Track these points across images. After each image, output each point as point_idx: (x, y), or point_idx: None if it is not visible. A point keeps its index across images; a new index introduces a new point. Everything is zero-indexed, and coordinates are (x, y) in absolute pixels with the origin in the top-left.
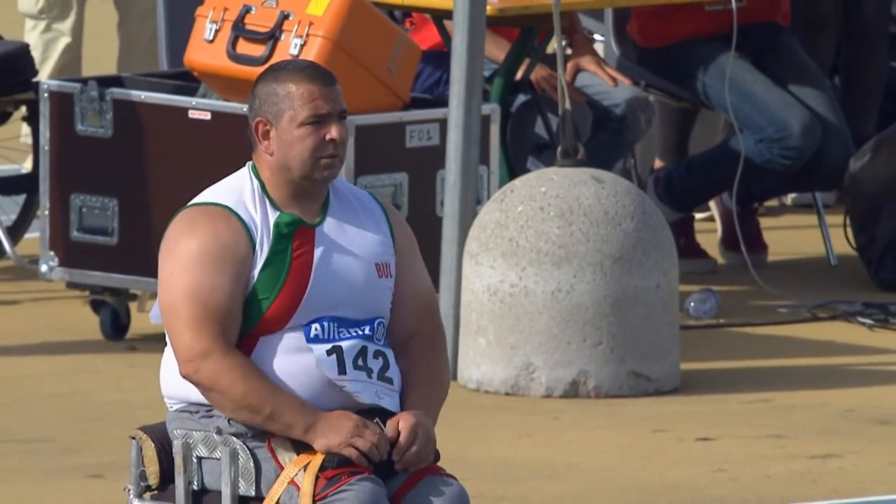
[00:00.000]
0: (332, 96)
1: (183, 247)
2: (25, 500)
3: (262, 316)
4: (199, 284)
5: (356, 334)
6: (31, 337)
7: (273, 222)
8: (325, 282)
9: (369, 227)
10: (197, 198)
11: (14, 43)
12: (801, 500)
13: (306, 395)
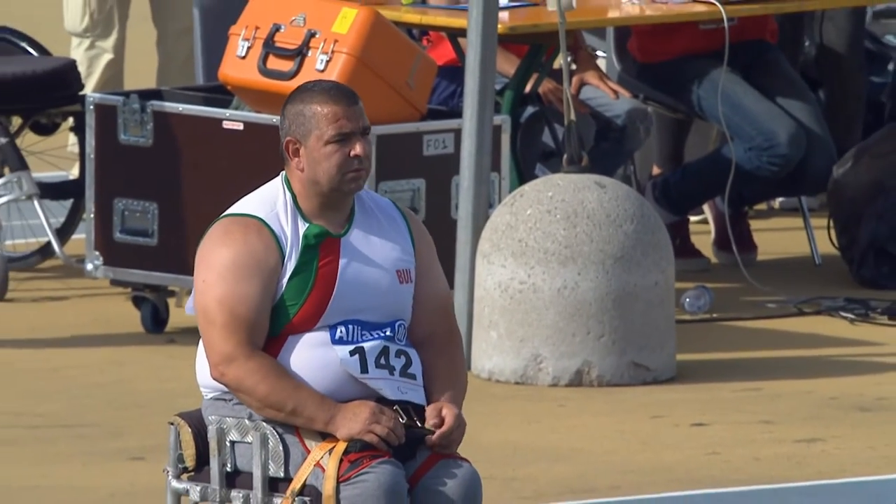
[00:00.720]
0: (355, 115)
1: (217, 256)
2: (73, 480)
3: (290, 321)
4: (229, 294)
5: (378, 336)
6: (77, 330)
7: (302, 234)
8: (349, 290)
9: (391, 235)
10: (233, 207)
11: (62, 59)
12: (787, 480)
13: (331, 390)
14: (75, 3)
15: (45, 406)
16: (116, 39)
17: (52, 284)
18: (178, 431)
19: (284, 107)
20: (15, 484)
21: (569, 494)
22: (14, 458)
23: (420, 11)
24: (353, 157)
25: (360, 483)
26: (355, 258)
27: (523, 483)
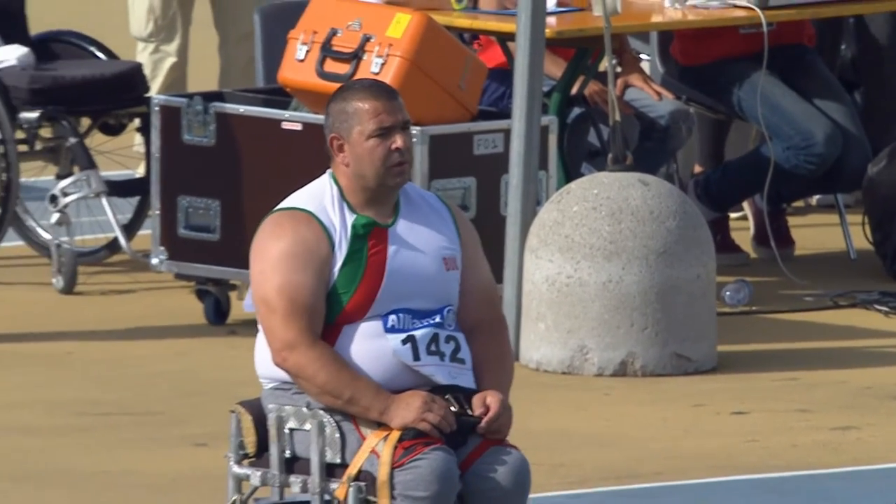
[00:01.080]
0: (394, 109)
1: (270, 248)
2: (139, 465)
3: (343, 308)
4: (285, 282)
5: (428, 323)
6: (143, 322)
7: (350, 224)
8: (398, 276)
9: (437, 225)
10: (283, 203)
11: (128, 63)
12: (824, 467)
13: (385, 377)
14: (140, 9)
15: (113, 394)
16: (180, 44)
17: (119, 278)
18: (239, 419)
19: (328, 105)
20: (85, 469)
21: (614, 480)
22: (84, 444)
23: (471, 16)
24: (394, 149)
25: (414, 469)
26: (403, 246)
27: (570, 469)
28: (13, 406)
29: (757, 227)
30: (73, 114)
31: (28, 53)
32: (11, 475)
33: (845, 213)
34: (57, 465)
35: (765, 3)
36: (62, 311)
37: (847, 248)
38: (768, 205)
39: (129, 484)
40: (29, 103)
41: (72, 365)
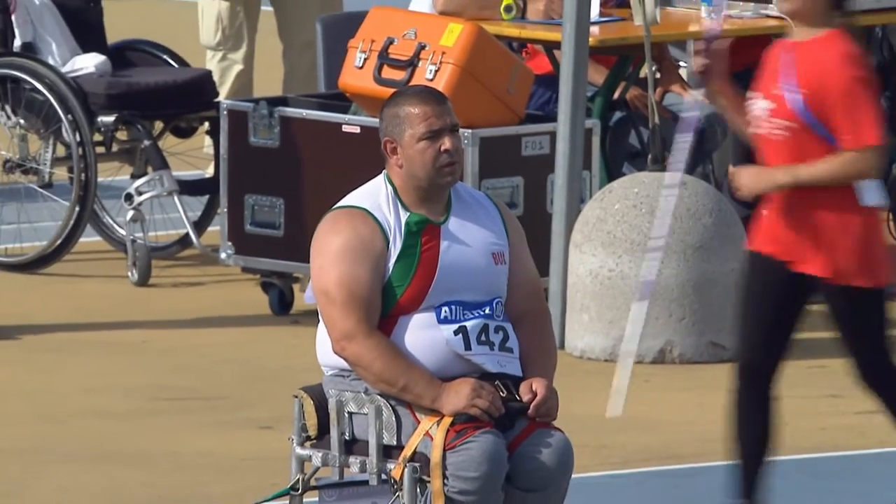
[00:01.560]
0: (442, 113)
1: (329, 244)
2: (208, 446)
3: (398, 301)
4: (345, 275)
5: (478, 314)
6: (212, 312)
7: (404, 222)
8: (450, 270)
9: (486, 222)
10: (341, 202)
11: (199, 70)
12: (851, 449)
13: (438, 366)
14: (209, 20)
15: (184, 380)
16: (246, 52)
17: (190, 271)
18: (302, 404)
19: (382, 111)
20: (158, 450)
21: (654, 461)
22: (157, 427)
23: (519, 26)
24: (443, 151)
25: (465, 451)
26: (454, 242)
27: (612, 451)
28: (92, 391)
29: None
30: (147, 118)
31: (105, 61)
32: (91, 456)
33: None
34: (132, 446)
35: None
36: (137, 302)
37: None
38: None
39: (198, 464)
40: (106, 108)
41: (146, 353)
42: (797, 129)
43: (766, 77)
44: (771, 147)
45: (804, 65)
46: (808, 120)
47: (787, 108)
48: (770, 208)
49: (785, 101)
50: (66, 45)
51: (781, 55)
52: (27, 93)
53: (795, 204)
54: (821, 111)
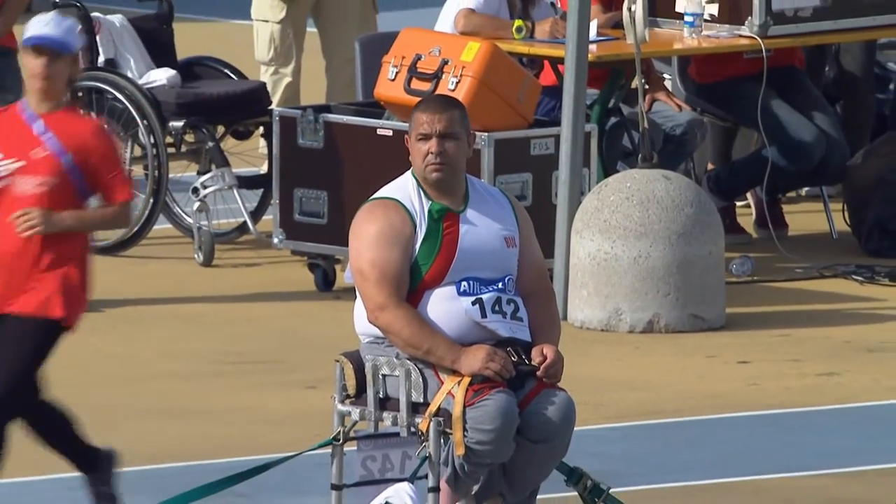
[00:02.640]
0: (435, 121)
1: (365, 230)
2: (261, 404)
3: (423, 277)
4: (378, 257)
5: (493, 289)
6: (266, 289)
7: (427, 209)
8: (468, 251)
9: (499, 212)
10: (376, 193)
11: (254, 82)
12: (811, 405)
13: (458, 332)
14: (263, 39)
15: (242, 347)
16: (294, 67)
17: (247, 254)
18: (342, 367)
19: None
20: (218, 407)
21: (643, 416)
22: (218, 387)
23: (528, 44)
24: (429, 152)
25: (482, 407)
26: (471, 228)
27: (608, 407)
28: (163, 356)
29: (757, 213)
30: (211, 123)
31: (175, 75)
32: (161, 411)
33: (828, 202)
34: (196, 403)
35: (764, 34)
36: (202, 280)
37: (830, 229)
38: (767, 195)
39: (253, 419)
40: (176, 115)
41: (209, 323)
42: (59, 183)
43: (16, 140)
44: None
45: (62, 131)
46: (74, 176)
47: (51, 165)
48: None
49: (49, 160)
50: (143, 61)
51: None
52: (109, 102)
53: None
54: (84, 170)
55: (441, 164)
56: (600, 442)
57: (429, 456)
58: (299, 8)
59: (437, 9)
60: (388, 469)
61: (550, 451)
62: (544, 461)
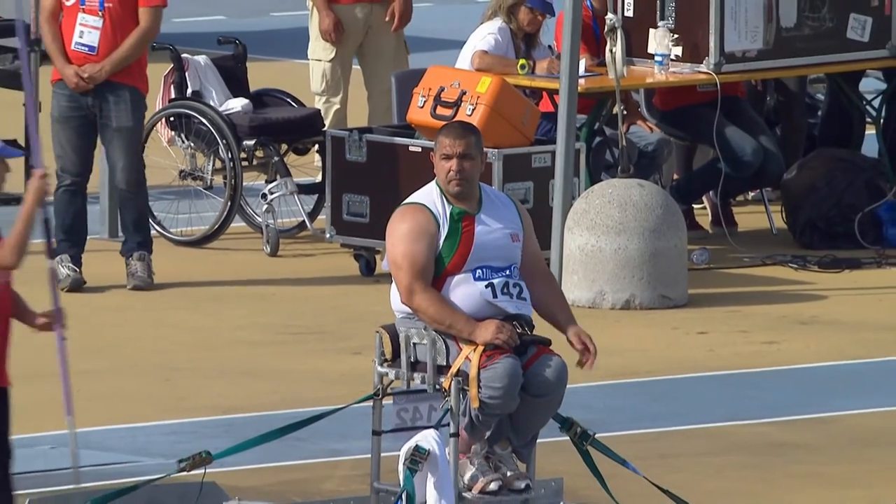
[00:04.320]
0: (456, 144)
1: (399, 228)
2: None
3: (446, 267)
4: (409, 250)
5: (502, 275)
6: (320, 274)
7: (448, 213)
8: (482, 246)
9: (506, 214)
10: (407, 199)
11: (311, 109)
12: (756, 367)
13: (474, 309)
14: (317, 75)
15: (300, 321)
16: (342, 97)
17: (305, 246)
18: (381, 337)
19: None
20: (282, 368)
21: (622, 376)
22: (282, 353)
23: (530, 79)
24: (450, 170)
25: (493, 369)
26: (484, 227)
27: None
28: (237, 328)
29: (712, 213)
30: (276, 141)
31: (248, 103)
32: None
33: (769, 205)
34: (264, 366)
35: (718, 70)
36: (269, 267)
37: (770, 227)
38: (719, 199)
39: (310, 378)
40: (248, 135)
41: (274, 301)
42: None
43: None
44: None
45: None
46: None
47: None
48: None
49: None
50: (222, 92)
51: None
52: (195, 124)
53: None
54: None
55: (460, 180)
56: (588, 397)
57: (450, 408)
58: (346, 49)
59: (458, 50)
60: (418, 419)
61: (548, 405)
62: (543, 412)
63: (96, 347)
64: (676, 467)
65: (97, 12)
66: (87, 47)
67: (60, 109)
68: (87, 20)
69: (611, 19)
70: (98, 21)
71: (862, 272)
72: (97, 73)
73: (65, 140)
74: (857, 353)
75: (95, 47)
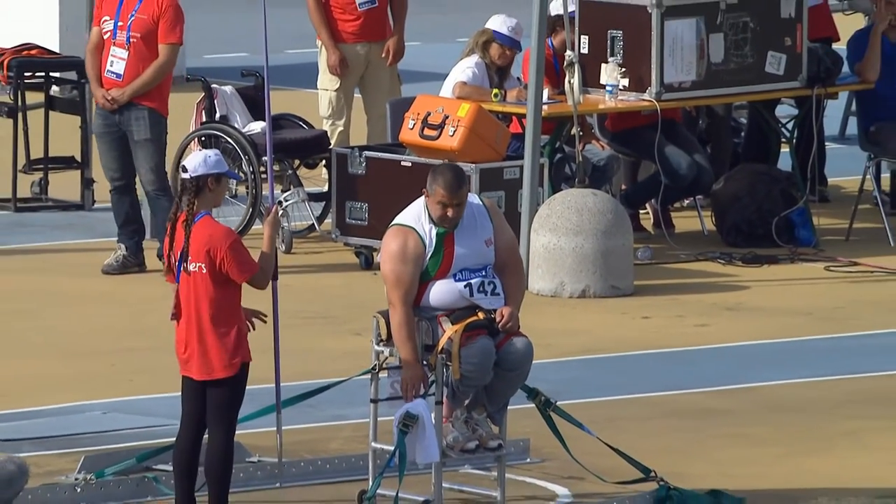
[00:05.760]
0: (452, 197)
1: (391, 246)
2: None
3: (432, 276)
4: (395, 270)
5: (478, 275)
6: (327, 269)
7: (434, 234)
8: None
9: (481, 221)
10: (398, 218)
11: (319, 131)
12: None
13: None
14: (324, 102)
15: (311, 307)
16: (345, 120)
17: (314, 245)
18: (377, 321)
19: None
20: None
21: (579, 353)
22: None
23: (502, 105)
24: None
25: (471, 347)
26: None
27: (555, 348)
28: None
29: (654, 217)
30: (290, 157)
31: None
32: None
33: (701, 210)
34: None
35: (659, 98)
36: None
37: (702, 228)
38: (660, 205)
39: (318, 356)
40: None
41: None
42: None
43: None
44: None
45: None
46: None
47: None
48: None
49: None
50: (245, 117)
51: None
52: (223, 143)
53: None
54: None
55: (452, 221)
56: (550, 371)
57: (436, 380)
58: (349, 81)
59: (441, 82)
60: None
61: (517, 377)
62: (513, 384)
63: (139, 329)
64: (623, 429)
65: (124, 45)
66: (115, 74)
67: (97, 126)
68: (117, 52)
69: (569, 55)
70: (124, 53)
71: (778, 266)
72: (119, 96)
73: (104, 150)
74: (774, 334)
75: (122, 74)
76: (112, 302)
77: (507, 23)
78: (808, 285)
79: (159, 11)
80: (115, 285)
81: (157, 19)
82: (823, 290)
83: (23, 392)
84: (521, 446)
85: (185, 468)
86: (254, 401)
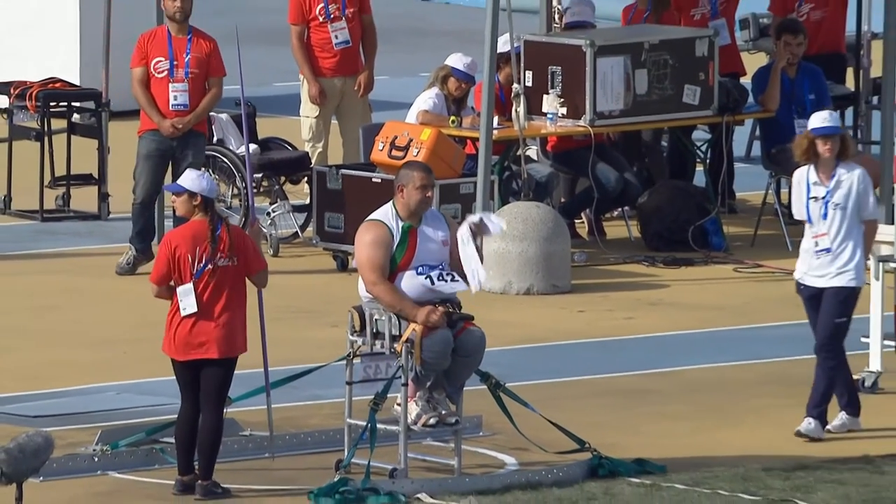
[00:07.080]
0: (428, 178)
1: (363, 237)
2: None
3: (398, 265)
4: (371, 255)
5: (437, 269)
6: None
7: (400, 227)
8: (422, 250)
9: (439, 225)
10: (371, 216)
11: (301, 151)
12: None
13: (418, 294)
14: (306, 127)
15: (295, 302)
16: (324, 142)
17: (298, 250)
18: (352, 314)
19: (399, 171)
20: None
21: (524, 342)
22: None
23: (458, 130)
24: (425, 196)
25: (432, 337)
26: (424, 237)
27: (504, 337)
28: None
29: (588, 226)
30: (277, 175)
31: (257, 148)
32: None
33: (628, 219)
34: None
35: (592, 124)
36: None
37: (629, 235)
38: (594, 215)
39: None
40: (257, 170)
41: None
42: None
43: None
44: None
45: None
46: None
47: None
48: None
49: None
50: (238, 140)
51: None
52: (220, 162)
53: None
54: None
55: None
56: (499, 357)
57: (402, 365)
58: (327, 109)
59: (407, 110)
60: (379, 373)
61: (471, 363)
62: (468, 368)
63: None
64: (563, 407)
65: (183, 80)
66: (182, 105)
67: (149, 149)
68: (178, 87)
69: (516, 88)
70: (185, 86)
71: (694, 268)
72: (186, 125)
73: (147, 170)
74: (691, 325)
75: (188, 105)
76: (125, 299)
77: (463, 60)
78: (719, 284)
79: (209, 49)
80: (128, 284)
81: (208, 55)
82: (733, 288)
83: (50, 376)
84: (475, 422)
85: (185, 441)
86: (246, 383)
